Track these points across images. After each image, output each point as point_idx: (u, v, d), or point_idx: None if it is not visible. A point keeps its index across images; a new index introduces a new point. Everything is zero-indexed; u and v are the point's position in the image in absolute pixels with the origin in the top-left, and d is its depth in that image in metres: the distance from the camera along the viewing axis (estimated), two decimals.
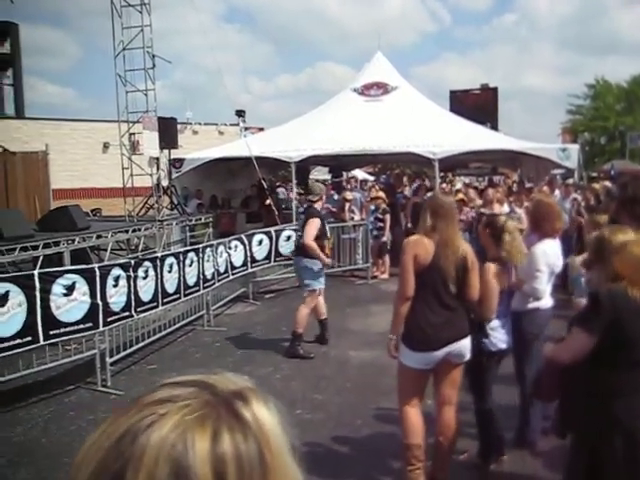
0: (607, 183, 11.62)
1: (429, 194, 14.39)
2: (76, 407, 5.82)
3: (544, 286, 4.57)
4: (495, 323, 4.18)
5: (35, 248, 7.45)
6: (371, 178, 26.29)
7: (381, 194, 12.92)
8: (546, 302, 4.62)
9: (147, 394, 0.65)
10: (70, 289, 5.91)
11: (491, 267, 4.12)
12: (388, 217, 12.31)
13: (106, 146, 26.21)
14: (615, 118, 38.35)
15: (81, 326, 6.03)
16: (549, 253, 4.64)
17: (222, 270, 8.78)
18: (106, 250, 9.47)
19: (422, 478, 3.96)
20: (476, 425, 4.51)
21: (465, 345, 3.98)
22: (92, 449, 0.61)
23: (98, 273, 6.18)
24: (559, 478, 4.17)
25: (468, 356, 4.03)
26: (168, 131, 11.28)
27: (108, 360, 6.42)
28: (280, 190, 18.05)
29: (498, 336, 4.19)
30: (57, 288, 5.78)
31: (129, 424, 0.61)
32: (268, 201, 13.27)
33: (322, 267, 7.72)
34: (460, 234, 4.17)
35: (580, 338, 2.77)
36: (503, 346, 4.20)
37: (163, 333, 7.89)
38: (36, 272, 5.77)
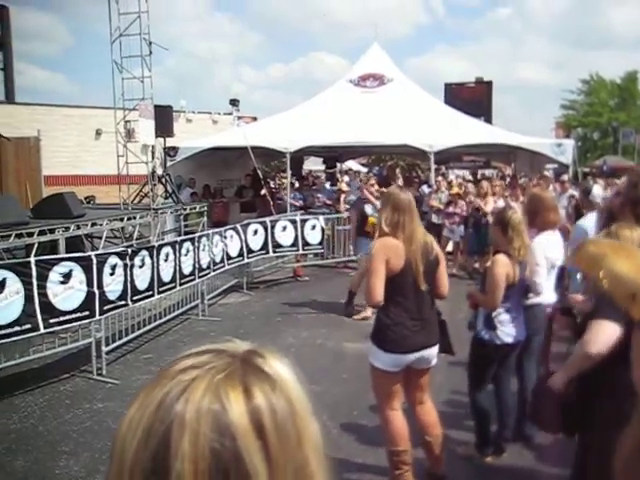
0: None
1: (423, 187, 14.45)
2: (72, 395, 5.81)
3: (544, 280, 4.57)
4: (504, 317, 4.18)
5: (30, 235, 7.38)
6: (364, 169, 26.25)
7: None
8: (548, 297, 4.62)
9: (170, 366, 0.69)
10: (67, 277, 5.87)
11: (501, 259, 4.12)
12: None
13: (98, 133, 26.02)
14: (608, 114, 38.55)
15: (78, 314, 5.99)
16: (547, 246, 4.64)
17: (218, 260, 8.76)
18: (100, 238, 9.41)
19: (411, 478, 3.94)
20: (472, 417, 4.54)
21: (434, 352, 3.96)
22: (134, 420, 0.65)
23: (95, 261, 6.14)
24: (556, 472, 4.23)
25: (435, 361, 4.01)
26: (164, 119, 11.20)
27: (104, 349, 6.40)
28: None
29: (505, 330, 4.18)
30: (54, 276, 5.74)
31: (164, 393, 0.65)
32: (263, 191, 13.22)
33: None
34: (422, 227, 4.07)
35: (607, 328, 2.68)
36: (509, 340, 4.20)
37: (158, 322, 7.87)
38: (33, 260, 5.73)
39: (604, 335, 2.71)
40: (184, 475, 0.60)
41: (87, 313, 6.08)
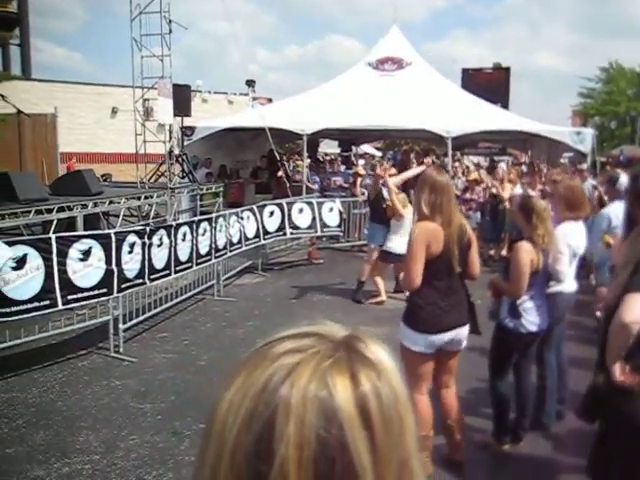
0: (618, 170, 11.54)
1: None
2: (90, 372, 5.85)
3: (566, 268, 4.54)
4: (529, 304, 4.15)
5: (49, 212, 7.42)
6: (379, 153, 26.14)
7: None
8: (569, 285, 4.59)
9: (267, 347, 0.68)
10: (86, 254, 5.89)
11: (524, 246, 4.09)
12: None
13: (114, 111, 26.03)
14: (627, 103, 37.93)
15: (96, 292, 6.02)
16: (569, 234, 4.60)
17: (235, 240, 8.77)
18: (116, 216, 9.45)
19: (430, 465, 3.94)
20: (491, 405, 4.54)
21: (465, 332, 3.97)
22: (235, 402, 0.64)
23: (114, 239, 6.16)
24: (573, 461, 4.22)
25: (465, 343, 4.01)
26: (182, 98, 11.17)
27: (121, 326, 6.43)
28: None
29: (530, 318, 4.16)
30: (74, 253, 5.76)
31: (267, 375, 0.63)
32: (280, 173, 13.19)
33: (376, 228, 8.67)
34: (458, 210, 4.10)
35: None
36: (533, 329, 4.17)
37: (174, 302, 7.90)
38: (53, 236, 5.75)
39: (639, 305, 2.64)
40: (289, 461, 0.59)
41: (105, 290, 6.11)
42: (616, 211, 5.63)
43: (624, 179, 6.03)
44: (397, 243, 7.76)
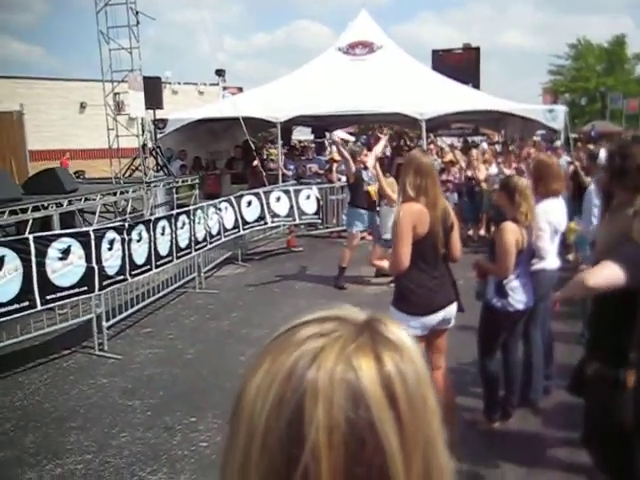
0: (590, 146, 11.69)
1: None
2: (75, 371, 5.79)
3: (548, 245, 4.58)
4: (515, 284, 4.19)
5: (24, 211, 7.30)
6: (352, 139, 26.10)
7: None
8: (552, 262, 4.64)
9: (290, 332, 0.68)
10: (66, 253, 5.81)
11: (509, 226, 4.12)
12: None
13: (83, 106, 25.65)
14: (596, 79, 38.38)
15: (77, 290, 5.95)
16: (550, 211, 4.64)
17: (214, 232, 8.71)
18: (93, 213, 9.33)
19: None
20: (481, 383, 4.58)
21: (454, 310, 4.00)
22: (262, 387, 0.64)
23: (93, 236, 6.08)
24: (561, 435, 4.30)
25: (454, 321, 4.05)
26: (153, 91, 11.02)
27: (104, 324, 6.37)
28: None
29: (516, 297, 4.20)
30: (53, 252, 5.68)
31: (293, 360, 0.63)
32: (256, 162, 13.12)
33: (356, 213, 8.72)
34: (442, 192, 4.13)
35: (613, 269, 2.65)
36: (521, 307, 4.22)
37: (156, 297, 7.84)
38: (31, 236, 5.66)
39: (608, 272, 2.68)
40: (319, 443, 0.59)
41: (86, 288, 6.03)
42: None
43: (604, 155, 6.12)
44: None
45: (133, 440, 4.45)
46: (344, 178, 12.61)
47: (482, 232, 11.17)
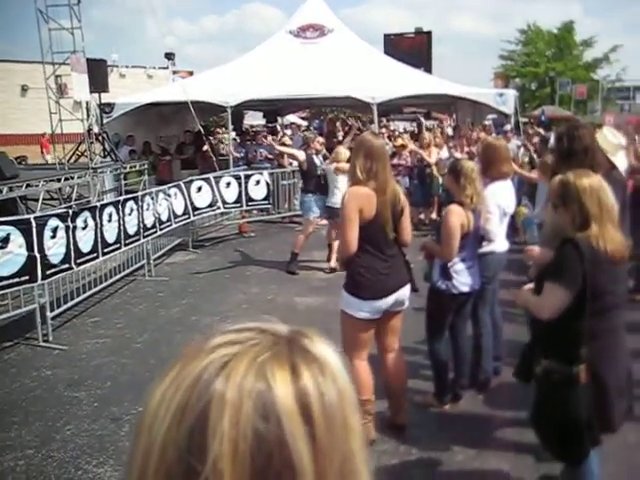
0: (540, 130, 11.88)
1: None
2: (18, 364, 5.60)
3: (496, 228, 4.60)
4: (460, 266, 4.20)
5: None
6: (304, 123, 25.98)
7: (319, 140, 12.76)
8: (500, 245, 4.67)
9: (207, 339, 0.64)
10: (4, 241, 5.58)
11: (454, 209, 4.12)
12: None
13: (25, 89, 24.82)
14: (546, 64, 39.07)
15: (17, 280, 5.72)
16: (498, 194, 4.66)
17: (164, 219, 8.52)
18: (36, 200, 9.01)
19: (373, 431, 3.96)
20: (430, 366, 4.60)
21: (407, 292, 3.99)
22: (167, 394, 0.60)
23: (34, 224, 5.85)
24: (512, 415, 4.35)
25: (407, 303, 4.04)
26: (98, 74, 10.67)
27: (49, 314, 6.17)
28: None
29: (461, 279, 4.21)
30: None
31: (202, 366, 0.60)
32: (206, 147, 12.89)
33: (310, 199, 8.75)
34: (392, 176, 4.10)
35: (557, 294, 2.74)
36: (465, 289, 4.24)
37: (104, 285, 7.65)
38: None
39: (556, 301, 2.77)
40: (223, 456, 0.55)
41: (27, 278, 5.81)
42: None
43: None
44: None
45: (78, 432, 4.33)
46: (295, 162, 12.56)
47: (434, 216, 11.24)
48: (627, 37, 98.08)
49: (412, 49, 23.83)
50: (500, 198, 4.65)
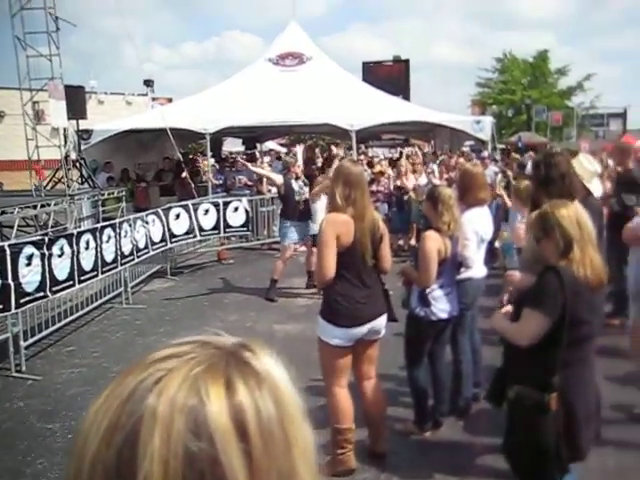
0: (518, 156, 12.06)
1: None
2: None
3: (473, 254, 4.62)
4: (438, 293, 4.20)
5: None
6: (284, 150, 26.09)
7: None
8: (478, 271, 4.68)
9: (148, 354, 0.62)
10: None
11: (431, 235, 4.13)
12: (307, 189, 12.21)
13: (1, 115, 24.68)
14: (521, 92, 39.85)
15: None
16: (475, 221, 4.69)
17: (141, 246, 8.45)
18: (12, 227, 8.90)
19: (353, 460, 3.92)
20: (410, 394, 4.57)
21: (383, 321, 3.98)
22: (100, 412, 0.58)
23: (9, 252, 5.76)
24: (492, 442, 4.30)
25: (384, 332, 4.03)
26: (75, 100, 10.64)
27: (22, 344, 6.04)
28: None
29: (439, 306, 4.21)
30: None
31: (136, 382, 0.58)
32: (184, 174, 12.87)
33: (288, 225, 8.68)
34: (371, 203, 4.12)
35: (536, 321, 2.75)
36: (444, 316, 4.23)
37: (80, 313, 7.53)
38: None
39: (535, 328, 2.78)
40: (153, 475, 0.53)
41: (0, 307, 5.71)
42: None
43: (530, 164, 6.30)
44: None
45: (51, 466, 4.21)
46: (274, 189, 12.56)
47: (413, 242, 11.28)
48: (600, 66, 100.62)
49: (390, 77, 24.18)
50: (477, 225, 4.68)
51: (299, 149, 10.01)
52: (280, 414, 0.60)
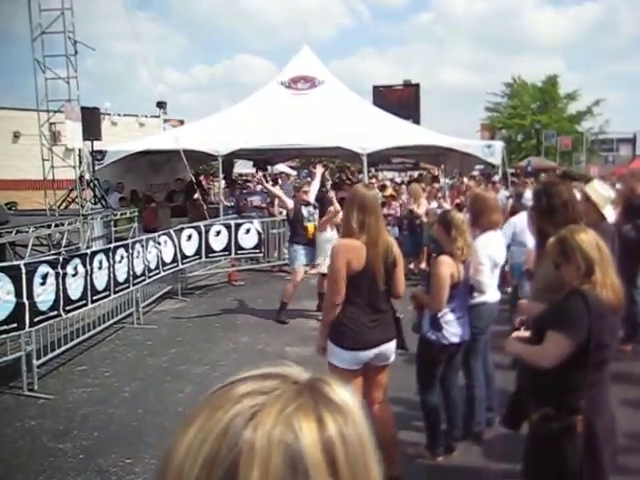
0: (528, 180, 12.08)
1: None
2: (1, 414, 5.47)
3: (487, 279, 4.63)
4: (450, 317, 4.21)
5: None
6: (294, 172, 26.21)
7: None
8: (492, 296, 4.69)
9: (227, 388, 0.64)
10: None
11: (444, 260, 4.14)
12: (317, 212, 12.26)
13: (17, 136, 24.97)
14: (531, 116, 40.03)
15: (5, 327, 5.65)
16: (489, 245, 4.70)
17: (153, 266, 8.50)
18: (25, 246, 8.97)
19: None
20: (422, 418, 4.55)
21: (392, 347, 3.98)
22: (194, 445, 0.60)
23: (24, 270, 5.82)
24: (505, 467, 4.29)
25: (393, 358, 4.03)
26: (91, 121, 10.78)
27: (35, 362, 6.07)
28: None
29: (451, 330, 4.21)
30: None
31: (230, 417, 0.60)
32: (197, 195, 12.95)
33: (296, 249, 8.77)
34: (385, 228, 4.15)
35: (560, 343, 2.74)
36: (455, 340, 4.23)
37: (92, 332, 7.55)
38: None
39: (558, 350, 2.77)
40: None
41: (15, 325, 5.74)
42: (521, 219, 6.34)
43: (528, 194, 6.37)
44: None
45: None
46: (285, 211, 12.61)
47: (423, 265, 11.28)
48: (609, 91, 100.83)
49: (401, 101, 24.35)
50: (491, 249, 4.69)
51: (319, 170, 9.93)
52: (361, 445, 0.63)
